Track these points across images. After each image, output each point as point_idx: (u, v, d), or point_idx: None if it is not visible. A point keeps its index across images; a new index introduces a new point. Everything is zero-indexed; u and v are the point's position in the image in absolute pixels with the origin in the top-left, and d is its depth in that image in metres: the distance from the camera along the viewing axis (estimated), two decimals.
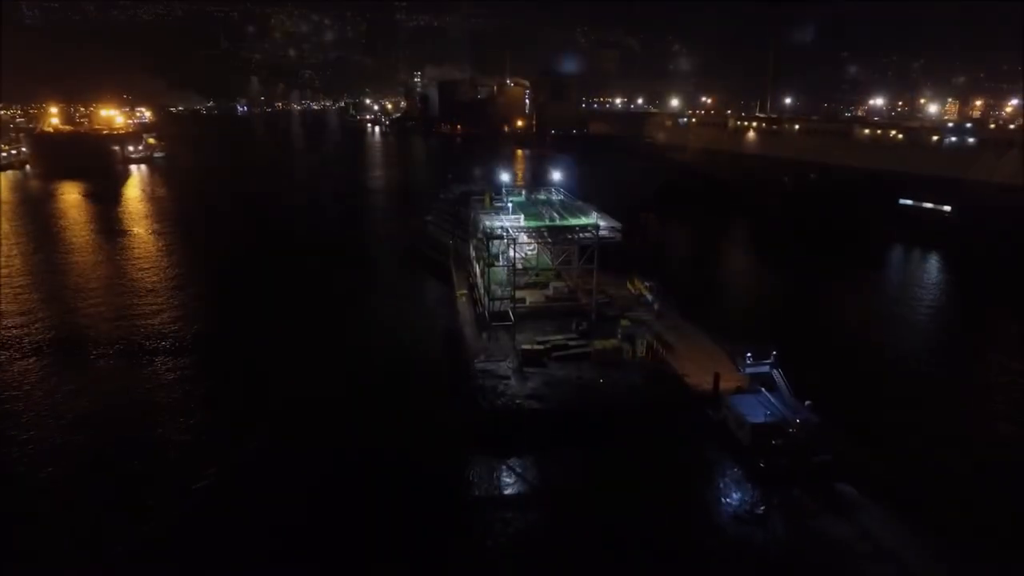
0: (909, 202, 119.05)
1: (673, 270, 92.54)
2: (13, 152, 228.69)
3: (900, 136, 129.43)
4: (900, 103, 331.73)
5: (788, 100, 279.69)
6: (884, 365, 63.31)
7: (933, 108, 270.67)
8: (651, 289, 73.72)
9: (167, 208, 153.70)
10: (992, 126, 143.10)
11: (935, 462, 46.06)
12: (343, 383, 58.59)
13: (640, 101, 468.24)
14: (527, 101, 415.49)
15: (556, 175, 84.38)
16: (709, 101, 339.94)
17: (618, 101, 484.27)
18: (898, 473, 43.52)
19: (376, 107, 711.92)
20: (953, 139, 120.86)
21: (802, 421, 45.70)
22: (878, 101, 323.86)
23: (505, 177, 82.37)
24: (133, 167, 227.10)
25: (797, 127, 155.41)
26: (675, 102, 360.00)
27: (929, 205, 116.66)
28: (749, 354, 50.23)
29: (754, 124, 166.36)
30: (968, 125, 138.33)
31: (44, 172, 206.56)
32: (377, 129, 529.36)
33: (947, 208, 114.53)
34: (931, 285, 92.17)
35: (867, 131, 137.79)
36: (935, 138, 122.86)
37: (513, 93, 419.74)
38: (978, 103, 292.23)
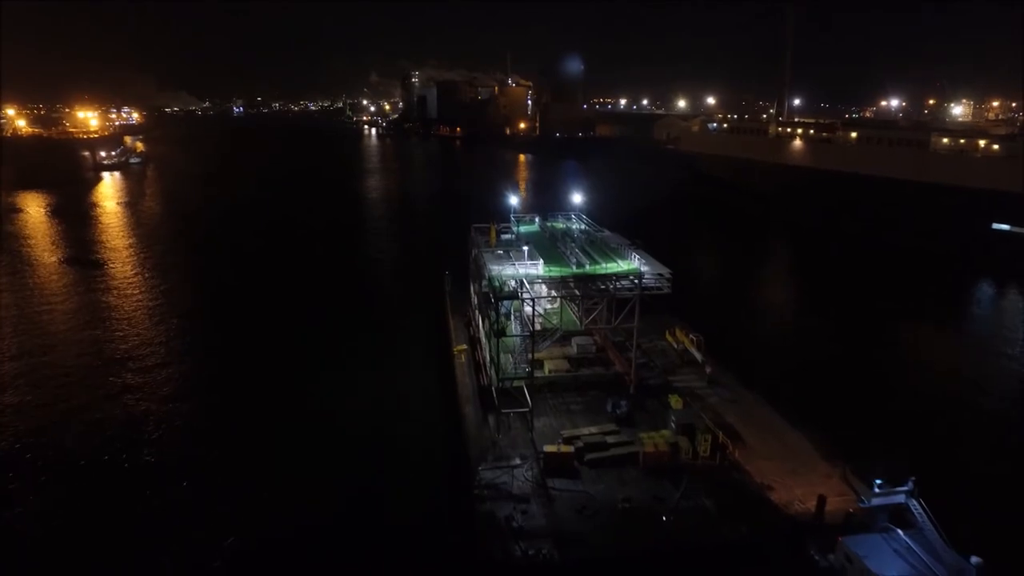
0: (1006, 227, 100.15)
1: (720, 312, 76.58)
2: None
3: (996, 147, 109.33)
4: (903, 103, 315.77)
5: (797, 101, 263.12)
6: None
7: (958, 110, 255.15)
8: (699, 345, 58.18)
9: (138, 230, 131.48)
10: None
11: None
12: (299, 500, 42.72)
13: (645, 102, 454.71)
14: (529, 102, 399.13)
15: (577, 198, 67.87)
16: (714, 102, 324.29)
17: (622, 102, 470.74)
18: None
19: (373, 108, 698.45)
20: None
21: None
22: (892, 103, 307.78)
23: (513, 200, 66.22)
24: (105, 174, 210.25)
25: (854, 135, 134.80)
26: (682, 103, 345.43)
27: None
28: (879, 480, 34.41)
29: (800, 131, 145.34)
30: None
31: (2, 181, 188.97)
32: (374, 131, 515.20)
33: None
34: None
35: (946, 140, 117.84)
36: None
37: (515, 93, 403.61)
38: (995, 104, 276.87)
